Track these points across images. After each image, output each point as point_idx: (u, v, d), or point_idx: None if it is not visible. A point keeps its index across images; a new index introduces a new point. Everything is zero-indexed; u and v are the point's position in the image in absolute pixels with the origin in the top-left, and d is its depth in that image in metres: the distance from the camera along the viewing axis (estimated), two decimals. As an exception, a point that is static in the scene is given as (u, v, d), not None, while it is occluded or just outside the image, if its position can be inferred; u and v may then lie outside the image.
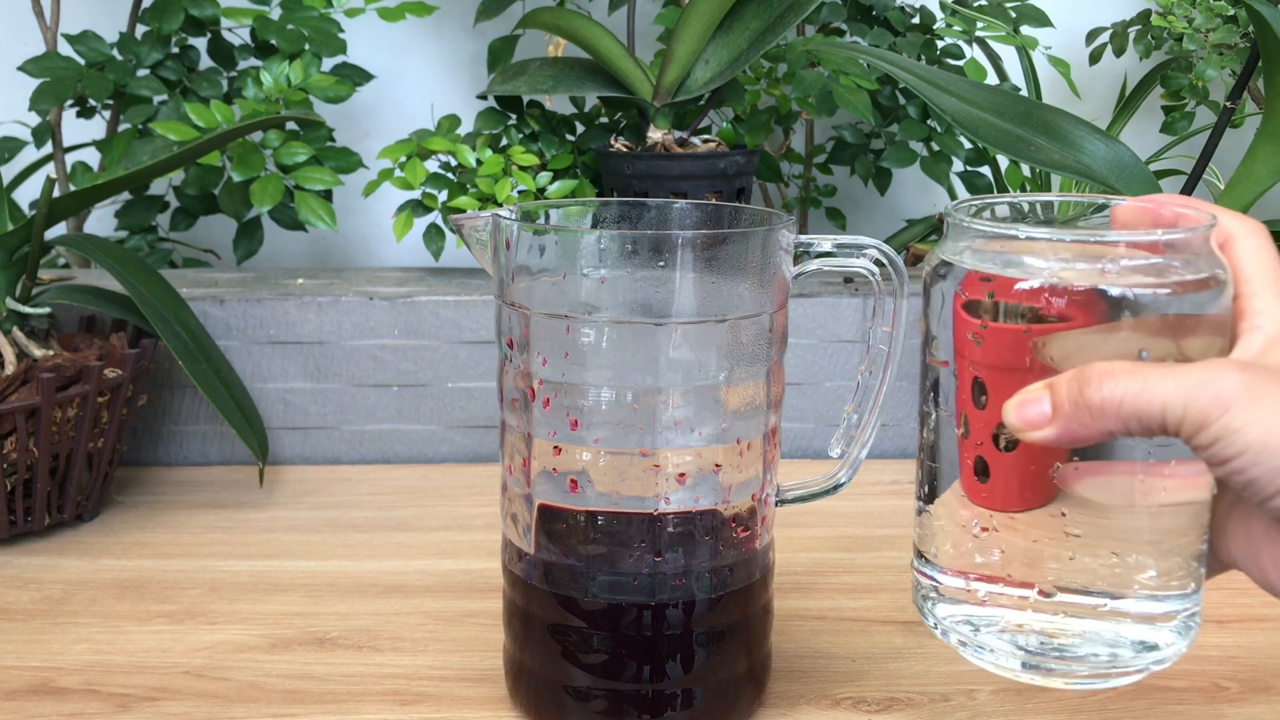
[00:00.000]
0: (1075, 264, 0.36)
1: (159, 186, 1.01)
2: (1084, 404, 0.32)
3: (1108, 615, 0.37)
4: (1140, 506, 0.36)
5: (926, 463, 0.41)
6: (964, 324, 0.38)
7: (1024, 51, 0.98)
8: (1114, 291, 0.35)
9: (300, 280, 0.87)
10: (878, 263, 0.47)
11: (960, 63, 0.96)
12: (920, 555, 0.42)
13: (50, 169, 0.97)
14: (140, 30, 0.93)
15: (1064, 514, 0.36)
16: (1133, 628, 0.38)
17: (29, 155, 0.98)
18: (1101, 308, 0.35)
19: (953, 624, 0.40)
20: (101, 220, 1.04)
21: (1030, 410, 0.34)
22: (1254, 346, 0.35)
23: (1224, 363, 0.33)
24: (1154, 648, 0.38)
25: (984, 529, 0.38)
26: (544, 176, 0.88)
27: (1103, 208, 0.39)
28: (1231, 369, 0.32)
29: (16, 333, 0.69)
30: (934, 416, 0.40)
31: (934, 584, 0.41)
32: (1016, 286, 0.36)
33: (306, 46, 0.89)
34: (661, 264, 0.43)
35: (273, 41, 0.90)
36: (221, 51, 0.95)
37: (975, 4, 0.96)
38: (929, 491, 0.41)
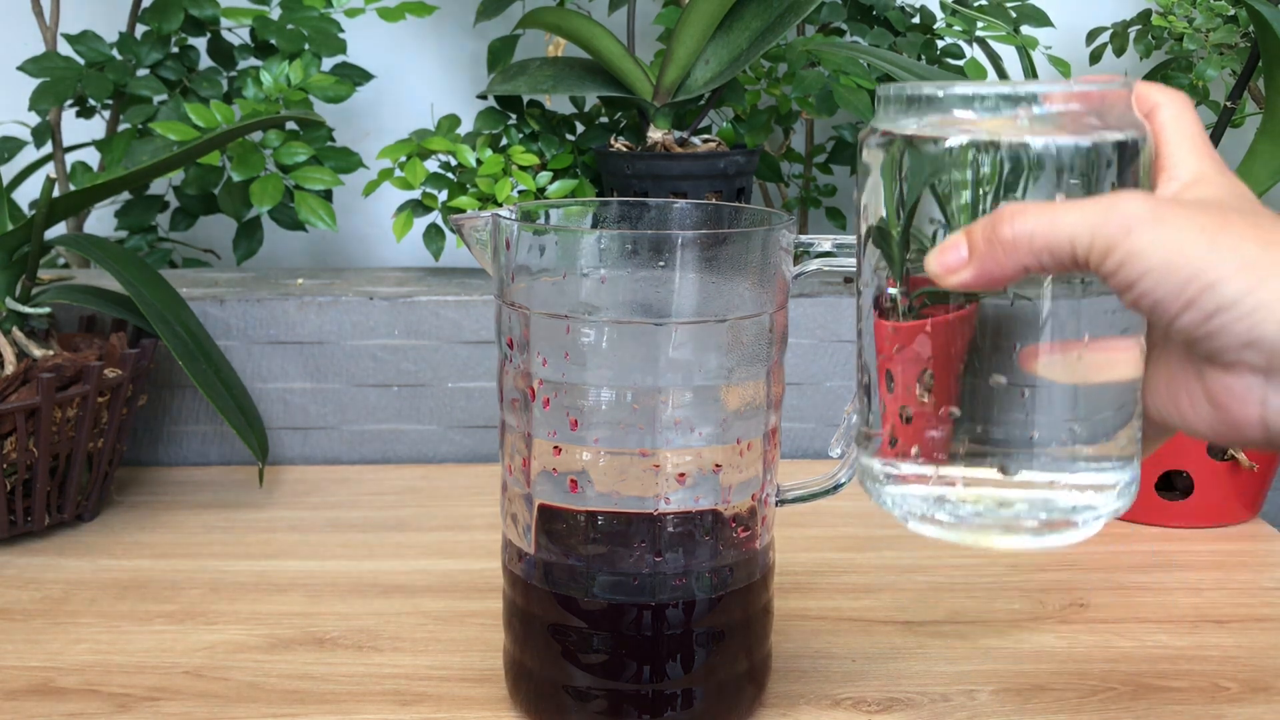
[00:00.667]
0: (999, 113, 0.36)
1: (159, 186, 1.01)
2: (997, 241, 0.33)
3: (1059, 488, 0.38)
4: (1081, 382, 0.37)
5: (864, 349, 0.40)
6: (893, 186, 0.38)
7: (1024, 51, 0.98)
8: (1035, 144, 0.35)
9: (300, 280, 0.87)
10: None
11: (960, 63, 0.96)
12: (868, 439, 0.41)
13: (50, 169, 0.97)
14: (140, 30, 0.93)
15: (1021, 391, 0.37)
16: (1078, 495, 0.38)
17: (29, 155, 0.98)
18: (1022, 164, 0.35)
19: (908, 501, 0.40)
20: (101, 220, 1.04)
21: (949, 255, 0.35)
22: (1168, 192, 0.36)
23: (1128, 193, 0.33)
24: (1094, 508, 0.38)
25: (934, 405, 0.38)
26: (544, 176, 0.88)
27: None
28: (1135, 196, 0.33)
29: (16, 333, 0.69)
30: (865, 282, 0.40)
31: (889, 469, 0.40)
32: (942, 145, 0.36)
33: (306, 46, 0.89)
34: (661, 264, 0.43)
35: (272, 41, 0.90)
36: (221, 51, 0.95)
37: (975, 4, 0.96)
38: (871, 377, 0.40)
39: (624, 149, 0.88)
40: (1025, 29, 0.97)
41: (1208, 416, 0.35)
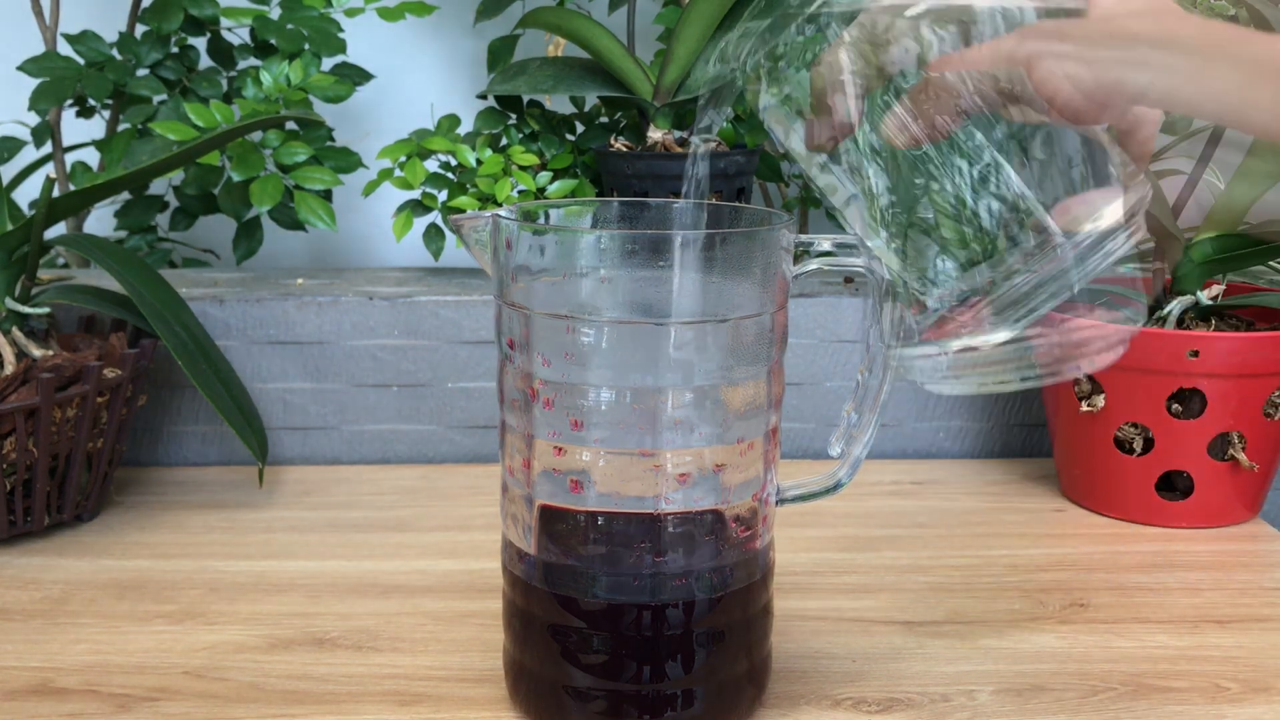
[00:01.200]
0: None
1: (159, 186, 1.01)
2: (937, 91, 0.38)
3: None
4: None
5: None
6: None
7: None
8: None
9: (300, 280, 0.87)
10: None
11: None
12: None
13: (50, 169, 0.97)
14: (140, 30, 0.93)
15: None
16: None
17: (29, 155, 0.98)
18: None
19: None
20: (101, 220, 1.04)
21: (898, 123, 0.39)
22: None
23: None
24: None
25: None
26: (544, 176, 0.88)
27: None
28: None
29: (16, 333, 0.69)
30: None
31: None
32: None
33: (306, 46, 0.89)
34: (662, 264, 0.43)
35: (272, 41, 0.90)
36: (221, 51, 0.95)
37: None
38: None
39: (624, 149, 0.88)
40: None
41: None
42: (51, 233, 0.71)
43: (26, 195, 0.98)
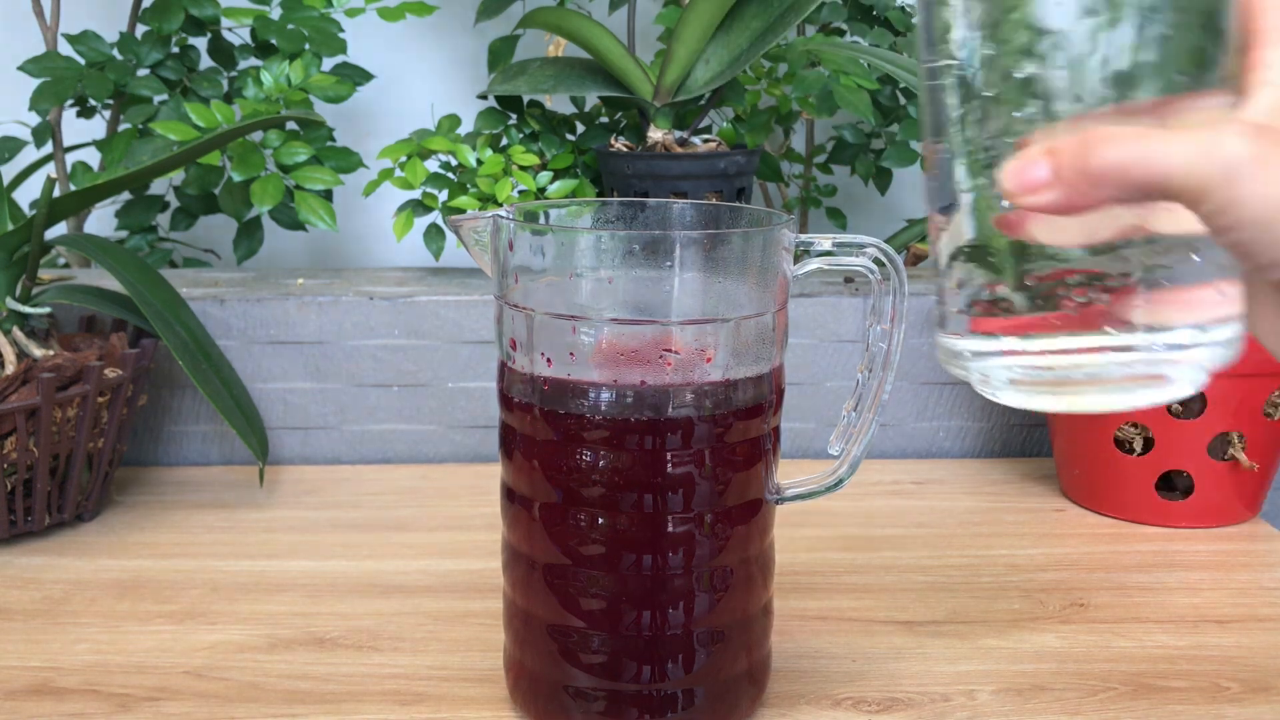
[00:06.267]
0: None
1: (159, 186, 1.01)
2: (1085, 171, 0.31)
3: None
4: None
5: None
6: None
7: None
8: None
9: (300, 280, 0.87)
10: (877, 261, 0.47)
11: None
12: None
13: (50, 169, 0.97)
14: (140, 30, 0.93)
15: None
16: None
17: (29, 155, 0.98)
18: None
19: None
20: (101, 220, 1.04)
21: (1029, 174, 0.31)
22: (1263, 104, 0.33)
23: (1232, 125, 0.30)
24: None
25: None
26: (544, 176, 0.88)
27: None
28: (1239, 133, 0.30)
29: (16, 333, 0.69)
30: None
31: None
32: None
33: (306, 46, 0.89)
34: (662, 264, 0.43)
35: (273, 41, 0.90)
36: (222, 51, 0.95)
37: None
38: None
39: (624, 149, 0.88)
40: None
41: None
42: (52, 233, 0.71)
43: (27, 195, 0.98)
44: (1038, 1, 0.31)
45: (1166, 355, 0.34)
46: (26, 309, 0.69)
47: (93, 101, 0.93)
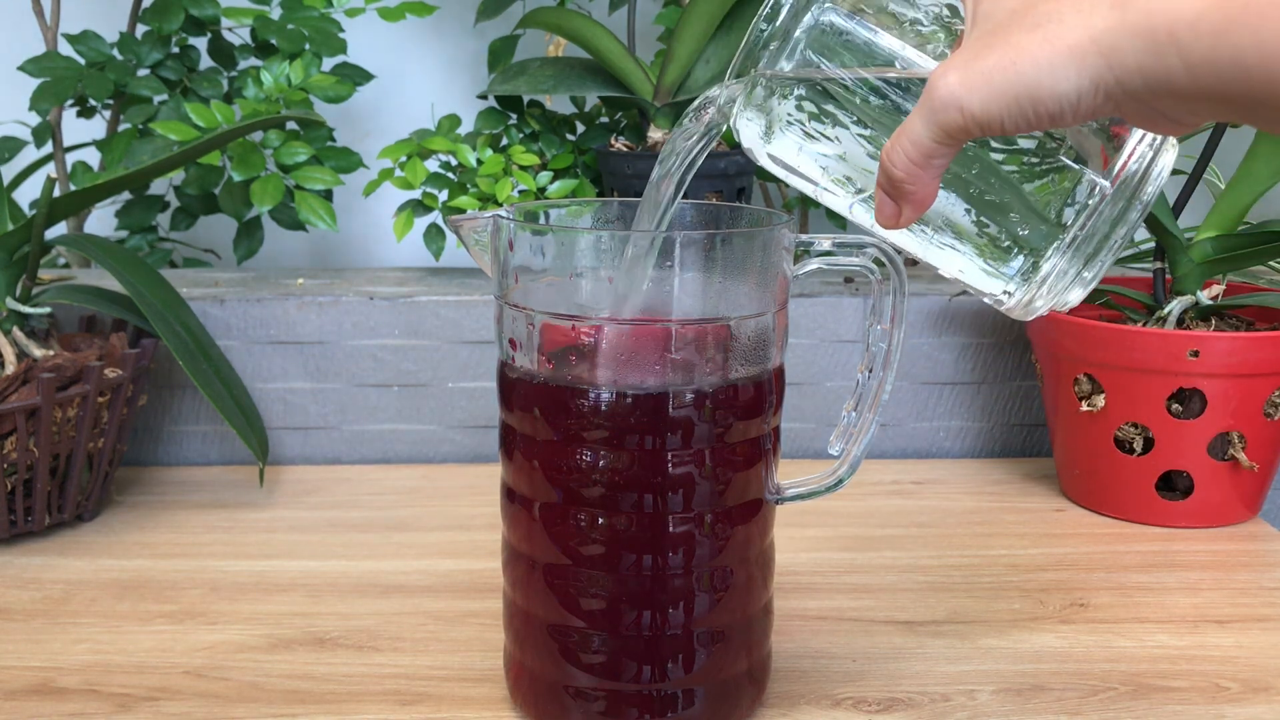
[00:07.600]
0: None
1: (159, 186, 1.01)
2: (899, 183, 0.37)
3: None
4: None
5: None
6: None
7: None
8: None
9: (300, 280, 0.87)
10: (877, 262, 0.47)
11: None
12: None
13: (50, 169, 0.97)
14: (140, 30, 0.93)
15: None
16: None
17: (29, 155, 0.98)
18: None
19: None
20: (101, 220, 1.04)
21: (886, 213, 0.38)
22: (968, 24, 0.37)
23: (935, 75, 0.35)
24: None
25: None
26: (544, 176, 0.88)
27: None
28: (940, 77, 0.35)
29: (16, 333, 0.69)
30: None
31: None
32: None
33: (307, 46, 0.89)
34: (663, 264, 0.43)
35: (273, 41, 0.90)
36: (222, 51, 0.95)
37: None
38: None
39: (624, 149, 0.88)
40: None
41: None
42: (52, 233, 0.71)
43: (27, 195, 0.98)
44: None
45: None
46: (26, 309, 0.69)
47: (93, 101, 0.93)
